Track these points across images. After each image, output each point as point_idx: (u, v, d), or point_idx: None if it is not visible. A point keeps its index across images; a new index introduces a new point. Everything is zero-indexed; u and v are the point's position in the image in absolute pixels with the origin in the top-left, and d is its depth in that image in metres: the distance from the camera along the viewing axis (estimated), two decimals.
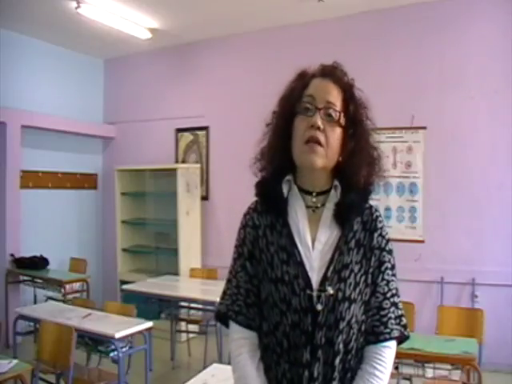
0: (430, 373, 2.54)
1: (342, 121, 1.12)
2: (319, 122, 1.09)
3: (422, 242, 4.35)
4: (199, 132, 5.58)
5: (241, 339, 1.15)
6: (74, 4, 4.37)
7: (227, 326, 1.20)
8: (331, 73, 1.16)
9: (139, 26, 5.01)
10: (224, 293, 1.21)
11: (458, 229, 4.22)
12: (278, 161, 1.18)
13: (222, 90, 5.39)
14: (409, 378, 2.79)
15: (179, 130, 5.72)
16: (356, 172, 1.14)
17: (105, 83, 6.38)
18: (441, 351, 2.53)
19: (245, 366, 1.12)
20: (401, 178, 4.47)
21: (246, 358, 1.13)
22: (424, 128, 4.37)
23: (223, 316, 1.19)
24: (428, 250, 4.31)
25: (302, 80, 1.18)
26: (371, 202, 1.20)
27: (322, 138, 1.10)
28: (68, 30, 5.12)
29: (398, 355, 2.49)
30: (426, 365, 2.54)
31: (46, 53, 5.53)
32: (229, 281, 1.20)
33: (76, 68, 5.93)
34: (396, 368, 2.57)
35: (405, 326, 1.15)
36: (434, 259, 4.29)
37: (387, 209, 4.48)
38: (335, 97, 1.13)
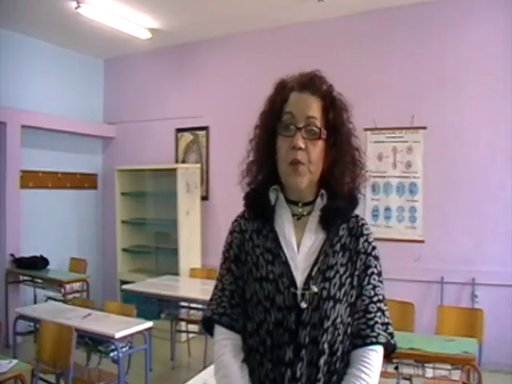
0: (429, 373, 2.54)
1: (324, 134, 1.13)
2: (300, 143, 1.10)
3: (422, 242, 4.35)
4: (199, 132, 5.58)
5: (224, 340, 1.16)
6: (74, 4, 4.37)
7: (212, 334, 1.20)
8: (309, 84, 1.15)
9: (139, 25, 5.01)
10: (210, 299, 1.22)
11: (457, 229, 4.22)
12: (264, 175, 1.20)
13: (221, 90, 5.39)
14: (409, 378, 2.79)
15: (179, 130, 5.72)
16: (340, 179, 1.15)
17: (105, 83, 6.38)
18: (441, 351, 2.53)
19: (227, 366, 1.12)
20: (401, 178, 4.46)
21: (228, 358, 1.13)
22: (424, 128, 4.37)
23: (208, 321, 1.19)
24: (428, 250, 4.31)
25: (282, 93, 1.17)
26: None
27: (304, 157, 1.11)
28: (68, 30, 5.12)
29: (398, 355, 2.51)
30: (426, 365, 2.54)
31: (46, 53, 5.53)
32: (215, 287, 1.22)
33: (76, 68, 5.93)
34: (396, 368, 2.57)
35: (391, 335, 1.14)
36: (434, 259, 4.29)
37: (387, 209, 4.48)
38: (315, 109, 1.13)
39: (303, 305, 1.07)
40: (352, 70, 4.47)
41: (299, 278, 1.10)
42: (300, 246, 1.14)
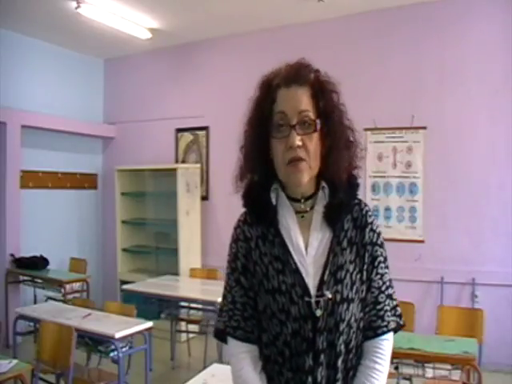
0: (430, 373, 2.54)
1: (318, 124, 1.09)
2: (297, 142, 1.07)
3: (422, 242, 4.35)
4: (199, 132, 5.58)
5: (241, 353, 1.14)
6: (74, 4, 4.37)
7: (226, 342, 1.19)
8: (296, 76, 1.12)
9: (139, 25, 5.01)
10: (221, 310, 1.20)
11: (458, 229, 4.22)
12: (261, 176, 1.16)
13: (222, 90, 5.39)
14: (409, 378, 2.79)
15: (179, 130, 5.72)
16: (337, 164, 1.12)
17: (105, 83, 6.38)
18: (441, 351, 2.53)
19: (248, 380, 1.11)
20: (401, 178, 4.46)
21: (248, 371, 1.12)
22: (424, 128, 4.37)
23: (221, 333, 1.18)
24: (428, 250, 4.31)
25: (268, 93, 1.14)
26: (368, 202, 1.20)
27: (302, 154, 1.08)
28: (68, 30, 5.12)
29: (398, 355, 2.51)
30: (426, 365, 2.54)
31: (46, 53, 5.53)
32: (224, 297, 1.20)
33: (76, 68, 5.93)
34: (396, 368, 2.57)
35: (400, 316, 1.17)
36: (433, 259, 4.29)
37: (387, 209, 4.48)
38: (306, 102, 1.10)
39: (318, 312, 1.06)
40: (352, 70, 4.46)
41: (311, 283, 1.09)
42: (307, 247, 1.12)
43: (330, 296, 1.07)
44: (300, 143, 1.08)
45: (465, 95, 4.22)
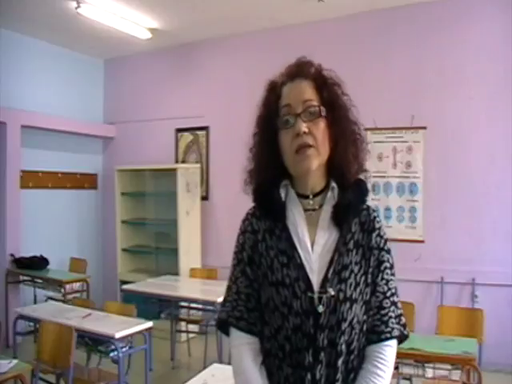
0: (429, 373, 2.54)
1: (323, 111, 1.12)
2: (303, 128, 1.09)
3: (422, 242, 4.35)
4: (199, 132, 5.58)
5: (242, 345, 1.14)
6: (74, 4, 4.37)
7: (227, 333, 1.19)
8: (298, 71, 1.16)
9: (139, 25, 5.01)
10: (224, 300, 1.20)
11: (458, 229, 4.22)
12: (271, 175, 1.18)
13: (222, 89, 5.39)
14: (409, 378, 2.79)
15: (179, 130, 5.72)
16: (344, 156, 1.14)
17: (105, 83, 6.38)
18: (441, 351, 2.53)
19: (248, 372, 1.12)
20: (401, 178, 4.47)
21: (249, 364, 1.12)
22: (424, 128, 4.37)
23: (224, 323, 1.18)
24: (428, 250, 4.31)
25: (274, 92, 1.18)
26: (370, 203, 1.20)
27: (310, 140, 1.10)
28: (68, 30, 5.12)
29: (398, 355, 2.49)
30: (426, 365, 2.54)
31: (46, 53, 5.53)
32: (229, 288, 1.20)
33: (76, 68, 5.93)
34: (396, 368, 2.57)
35: (404, 325, 1.16)
36: (434, 259, 4.29)
37: (387, 209, 4.48)
38: (310, 93, 1.13)
39: (320, 309, 1.07)
40: (352, 70, 4.45)
41: (315, 280, 1.09)
42: (314, 244, 1.13)
43: (332, 293, 1.07)
44: (306, 130, 1.09)
45: (465, 95, 4.22)
